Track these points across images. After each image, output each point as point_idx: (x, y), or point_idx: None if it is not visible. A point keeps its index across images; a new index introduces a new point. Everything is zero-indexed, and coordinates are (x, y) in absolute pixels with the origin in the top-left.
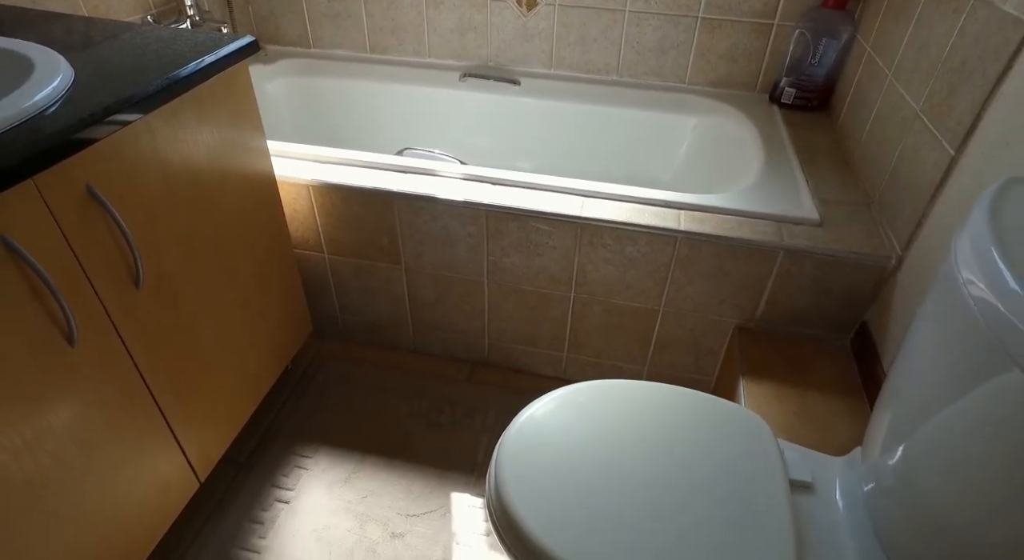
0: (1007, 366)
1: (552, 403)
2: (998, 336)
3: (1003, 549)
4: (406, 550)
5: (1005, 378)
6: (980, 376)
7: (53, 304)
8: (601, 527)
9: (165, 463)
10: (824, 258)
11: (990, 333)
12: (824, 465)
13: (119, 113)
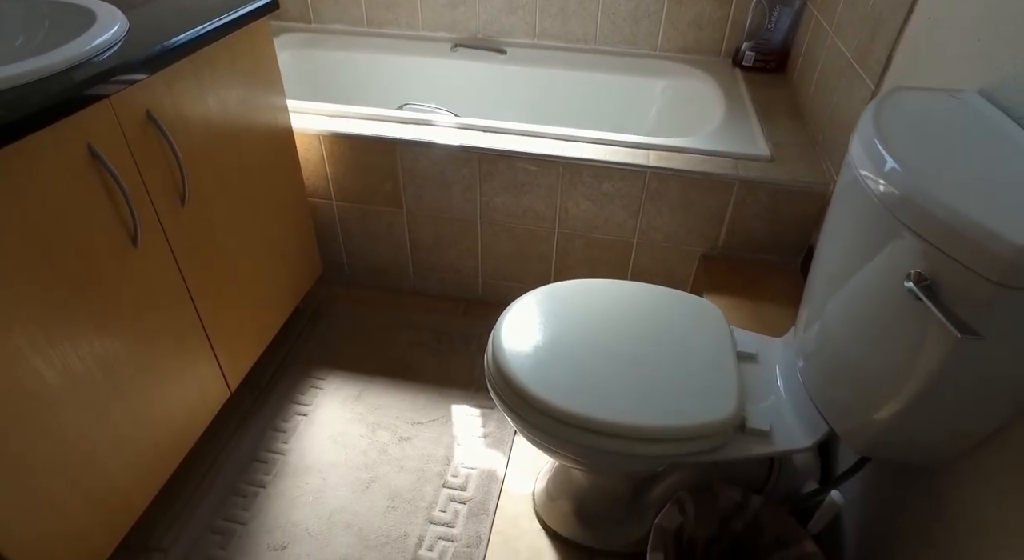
0: (897, 231)
1: (541, 292)
2: (886, 206)
3: (880, 369)
4: (413, 450)
5: (896, 243)
6: (876, 247)
7: (124, 208)
8: (576, 375)
9: (202, 369)
10: (774, 187)
11: (880, 206)
12: (767, 343)
13: (168, 53)
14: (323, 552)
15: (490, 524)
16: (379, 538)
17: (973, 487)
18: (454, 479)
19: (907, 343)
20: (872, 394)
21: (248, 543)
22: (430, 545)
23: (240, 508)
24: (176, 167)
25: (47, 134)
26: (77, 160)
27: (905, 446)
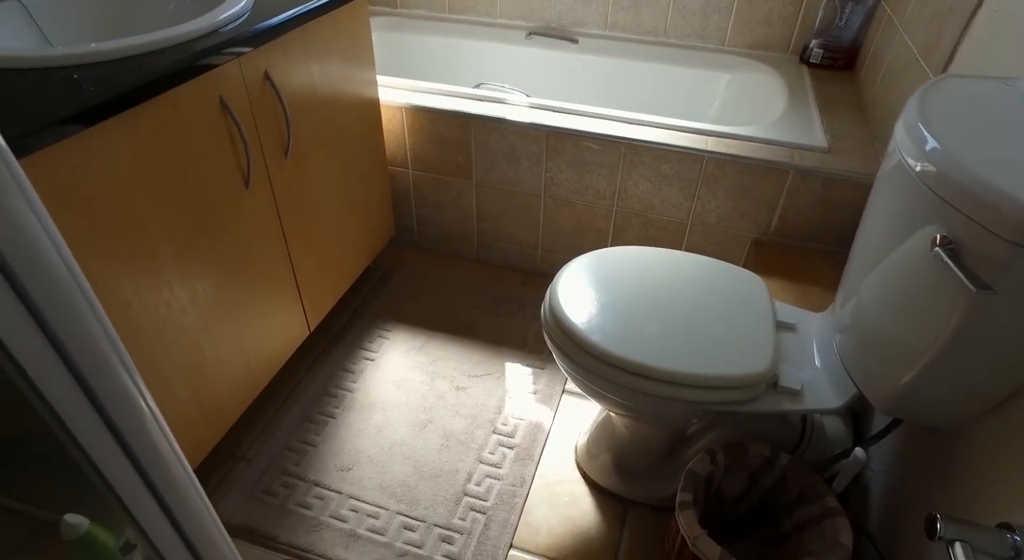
0: (930, 203)
1: (596, 254)
2: (924, 182)
3: (906, 334)
4: (468, 399)
5: (927, 213)
6: (910, 222)
7: (242, 154)
8: (624, 325)
9: (288, 306)
10: (829, 177)
11: (918, 183)
12: (806, 316)
13: (284, 24)
14: (383, 477)
15: (534, 469)
16: (433, 470)
17: (987, 447)
18: (504, 427)
19: (931, 307)
20: (898, 358)
21: (318, 462)
22: (478, 481)
23: (312, 432)
24: (284, 123)
25: (192, 85)
26: (211, 110)
27: (927, 407)
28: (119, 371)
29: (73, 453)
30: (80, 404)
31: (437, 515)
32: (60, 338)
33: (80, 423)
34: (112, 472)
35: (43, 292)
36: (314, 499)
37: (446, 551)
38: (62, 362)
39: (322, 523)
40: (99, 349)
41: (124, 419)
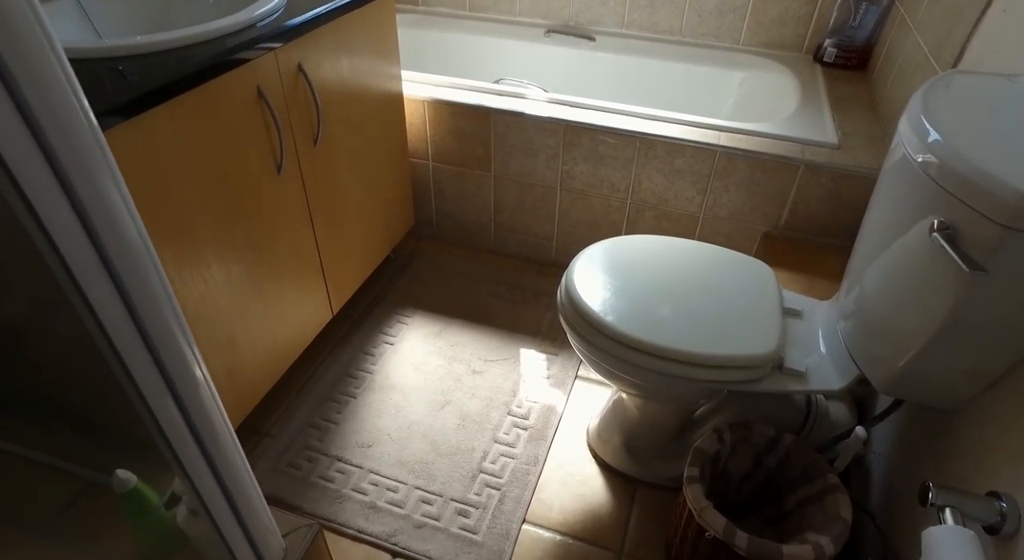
0: (930, 192)
1: (610, 241)
2: (925, 172)
3: (906, 317)
4: (484, 382)
5: (927, 202)
6: (911, 212)
7: (276, 140)
8: (637, 307)
9: (314, 289)
10: (839, 172)
11: (920, 174)
12: (812, 304)
13: (317, 19)
14: (402, 454)
15: (547, 449)
16: (450, 448)
17: (981, 423)
18: (518, 409)
19: (929, 291)
20: (899, 341)
21: (340, 439)
22: (493, 459)
23: (334, 411)
24: (315, 113)
25: (232, 75)
26: (249, 98)
27: (926, 387)
28: (180, 339)
29: (139, 409)
30: (147, 366)
31: (453, 490)
32: (137, 309)
33: (147, 383)
34: (169, 427)
35: (127, 267)
36: (336, 473)
37: (462, 524)
38: (136, 330)
39: (344, 495)
40: (166, 320)
41: (182, 381)
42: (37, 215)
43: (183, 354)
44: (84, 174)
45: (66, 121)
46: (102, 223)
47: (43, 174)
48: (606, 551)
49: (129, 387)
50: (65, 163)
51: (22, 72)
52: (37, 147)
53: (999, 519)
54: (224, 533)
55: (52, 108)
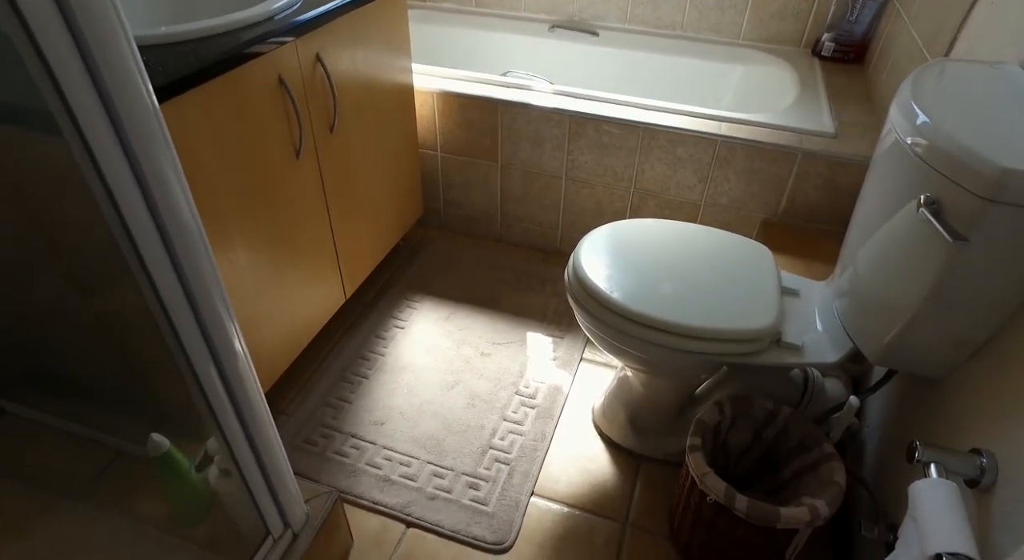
0: (919, 171)
1: (615, 224)
2: (915, 153)
3: (895, 291)
4: (492, 364)
5: (917, 181)
6: (901, 191)
7: (295, 127)
8: (642, 284)
9: (328, 273)
10: (835, 160)
11: (909, 154)
12: (809, 284)
13: (334, 11)
14: (413, 431)
15: (554, 426)
16: (460, 426)
17: (966, 388)
18: (526, 389)
19: (916, 264)
20: (889, 313)
21: (353, 417)
22: (502, 436)
23: (348, 391)
24: (331, 101)
25: (255, 64)
26: (271, 86)
27: (915, 356)
28: (223, 313)
29: (186, 376)
30: (196, 336)
31: (464, 465)
32: (188, 279)
33: (193, 349)
34: (211, 391)
35: (181, 243)
36: (351, 448)
37: (473, 496)
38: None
39: (359, 469)
40: (212, 295)
41: (224, 351)
42: (111, 192)
43: (226, 327)
44: (146, 153)
45: (135, 106)
46: (162, 203)
47: (118, 156)
48: (611, 521)
49: (179, 355)
50: (136, 147)
51: (103, 61)
52: (116, 140)
53: (979, 473)
54: (254, 492)
55: (128, 102)
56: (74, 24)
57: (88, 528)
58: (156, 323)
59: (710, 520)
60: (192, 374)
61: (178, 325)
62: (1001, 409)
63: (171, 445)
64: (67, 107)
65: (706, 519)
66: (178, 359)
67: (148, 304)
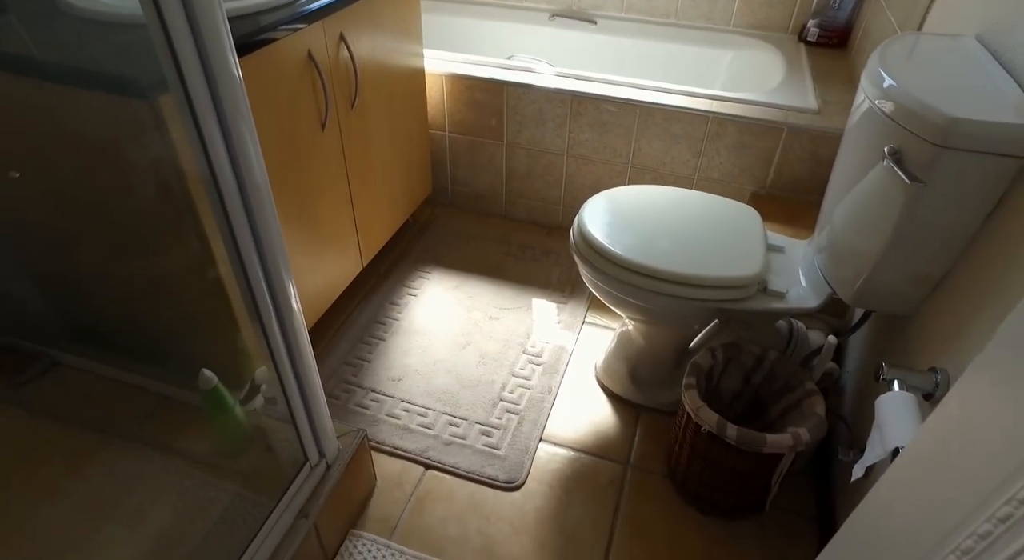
0: (885, 128)
1: (615, 189)
2: (882, 111)
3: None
4: (500, 326)
5: (883, 136)
6: (871, 153)
7: (321, 100)
8: (641, 239)
9: (347, 241)
10: (818, 134)
11: (879, 115)
12: (793, 243)
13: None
14: (429, 385)
15: (559, 381)
16: (472, 381)
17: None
18: (532, 348)
19: (880, 210)
20: (860, 259)
21: (372, 374)
22: (511, 389)
23: (366, 352)
24: (353, 78)
25: (288, 40)
26: (301, 61)
27: (884, 295)
28: (280, 259)
29: (249, 312)
30: (259, 277)
31: (477, 415)
32: (258, 228)
33: (258, 290)
34: (268, 324)
35: (255, 200)
36: (371, 401)
37: (486, 442)
38: (255, 249)
39: (379, 419)
40: (274, 244)
41: (279, 289)
42: (207, 151)
43: (282, 271)
44: (232, 118)
45: (225, 76)
46: (243, 163)
47: (212, 119)
48: (614, 463)
49: (246, 295)
50: (225, 111)
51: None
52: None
53: (934, 387)
54: (296, 419)
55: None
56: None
57: (138, 465)
58: (213, 273)
59: (704, 451)
60: (256, 312)
61: (249, 270)
62: (953, 332)
63: (218, 382)
64: (180, 74)
65: (700, 451)
66: (245, 300)
67: (226, 253)
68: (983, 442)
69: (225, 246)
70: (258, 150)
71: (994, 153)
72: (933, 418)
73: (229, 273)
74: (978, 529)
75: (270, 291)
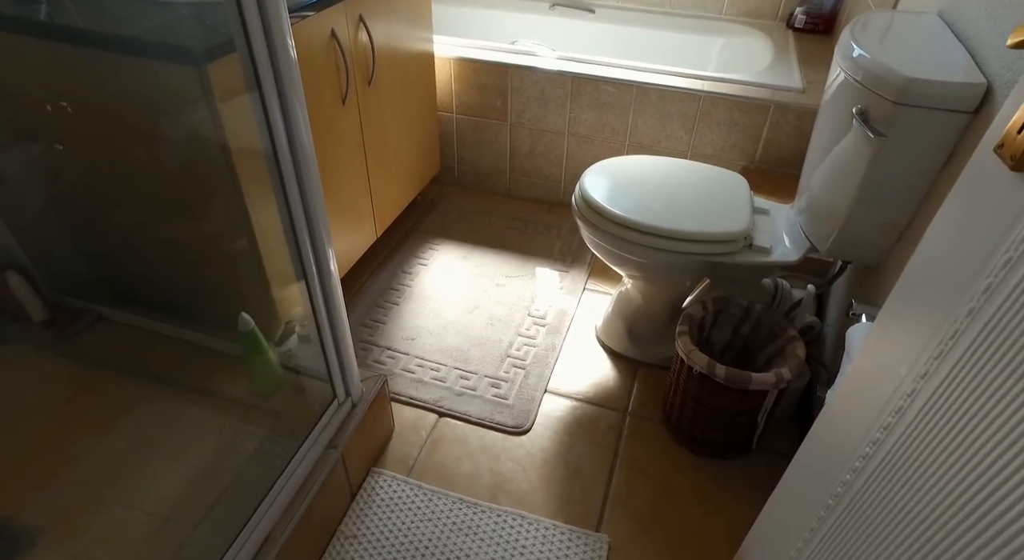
0: (855, 92)
1: (613, 158)
2: (852, 77)
3: (837, 194)
4: (506, 292)
5: (852, 99)
6: (843, 118)
7: (343, 76)
8: (637, 200)
9: (363, 212)
10: (803, 110)
11: (850, 81)
12: (777, 207)
13: None
14: (441, 344)
15: (562, 340)
16: (480, 340)
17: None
18: (536, 311)
19: (850, 166)
20: (834, 214)
21: (388, 334)
22: (518, 347)
23: (381, 315)
24: (371, 57)
25: (314, 19)
26: (325, 39)
27: (855, 245)
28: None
29: (295, 259)
30: (304, 232)
31: (486, 369)
32: (305, 189)
33: (303, 243)
34: (308, 270)
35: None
36: (387, 358)
37: (495, 393)
38: (302, 205)
39: (395, 373)
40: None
41: (319, 242)
42: (268, 116)
43: (322, 225)
44: (286, 87)
45: (281, 48)
46: (294, 129)
47: (271, 85)
48: (614, 411)
49: (292, 246)
50: (282, 77)
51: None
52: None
53: None
54: (327, 357)
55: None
56: None
57: (179, 407)
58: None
59: (696, 393)
60: (299, 260)
61: (296, 222)
62: None
63: (254, 326)
64: (247, 39)
65: (693, 393)
66: (290, 248)
67: (278, 212)
68: (886, 366)
69: (277, 202)
70: (306, 120)
71: (944, 109)
72: (864, 342)
73: (271, 231)
74: (871, 437)
75: (312, 241)
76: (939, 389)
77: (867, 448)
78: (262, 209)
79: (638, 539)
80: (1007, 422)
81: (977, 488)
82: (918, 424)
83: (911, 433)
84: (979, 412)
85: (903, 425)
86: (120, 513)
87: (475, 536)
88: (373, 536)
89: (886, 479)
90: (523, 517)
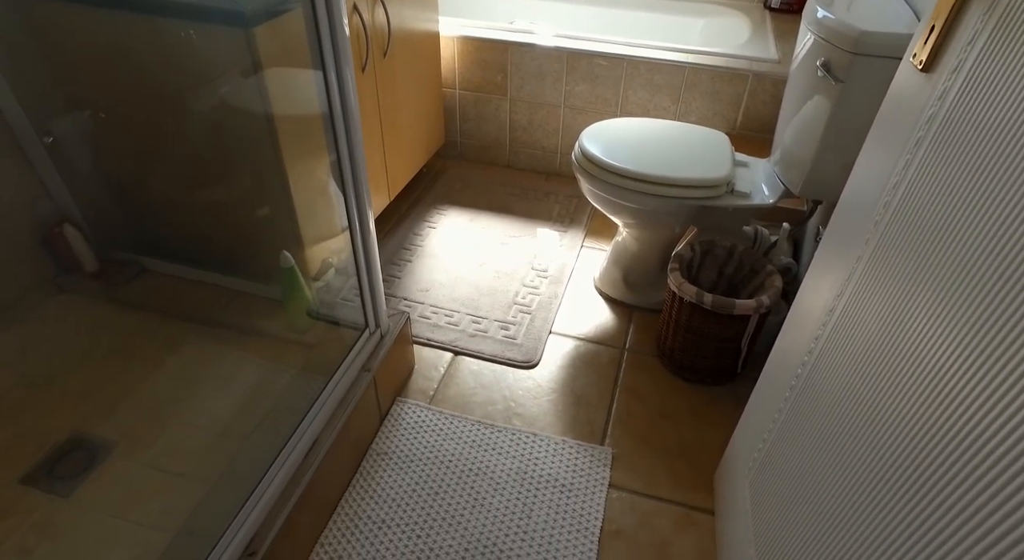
0: (819, 48)
1: (610, 120)
2: (817, 35)
3: (805, 141)
4: (510, 250)
5: (817, 54)
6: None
7: (363, 46)
8: (631, 152)
9: (378, 175)
10: (778, 79)
11: (815, 39)
12: (756, 161)
13: None
14: (452, 293)
15: (564, 289)
16: (489, 289)
17: None
18: (539, 265)
19: (816, 115)
20: (804, 158)
21: (403, 286)
22: (523, 296)
23: (395, 271)
24: (387, 31)
25: None
26: (348, 11)
27: (824, 185)
28: (361, 166)
29: (344, 217)
30: (350, 179)
31: (495, 314)
32: (353, 143)
33: (348, 188)
34: (350, 211)
35: (351, 121)
36: (404, 307)
37: (504, 334)
38: (350, 159)
39: (413, 319)
40: (359, 157)
41: (358, 187)
42: (327, 77)
43: (363, 175)
44: (338, 53)
45: (337, 17)
46: (346, 92)
47: (330, 51)
48: (613, 348)
49: (345, 202)
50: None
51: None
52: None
53: None
54: (362, 288)
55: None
56: None
57: (221, 345)
58: (284, 180)
59: (687, 322)
60: (344, 202)
61: (344, 173)
62: None
63: (294, 264)
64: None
65: (683, 322)
66: (337, 193)
67: (331, 162)
68: (819, 289)
69: (328, 150)
70: (354, 81)
71: (891, 57)
72: (809, 270)
73: (309, 180)
74: (798, 372)
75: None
76: (848, 304)
77: (805, 357)
78: (298, 164)
79: (638, 450)
80: (893, 326)
81: (875, 375)
82: (834, 334)
83: (831, 340)
84: (873, 321)
85: (826, 334)
86: (180, 429)
87: (494, 451)
88: (402, 452)
89: (819, 377)
90: (536, 435)
